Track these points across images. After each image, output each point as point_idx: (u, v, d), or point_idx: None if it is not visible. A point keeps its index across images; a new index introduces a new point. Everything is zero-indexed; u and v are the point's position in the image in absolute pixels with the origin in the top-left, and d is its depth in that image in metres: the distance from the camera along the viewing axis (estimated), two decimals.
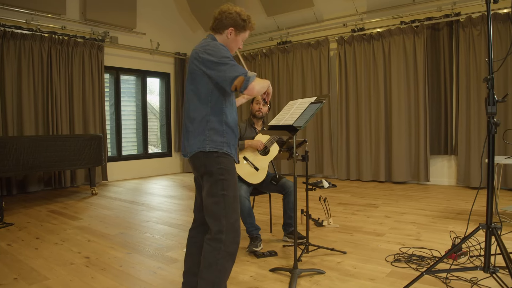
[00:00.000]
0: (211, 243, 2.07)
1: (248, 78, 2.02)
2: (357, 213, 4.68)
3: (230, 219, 2.08)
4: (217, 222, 2.07)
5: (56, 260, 3.23)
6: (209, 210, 2.11)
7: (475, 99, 6.05)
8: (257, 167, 3.53)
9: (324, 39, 7.57)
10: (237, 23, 2.21)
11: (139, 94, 8.67)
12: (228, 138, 2.15)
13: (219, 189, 2.08)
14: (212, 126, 2.11)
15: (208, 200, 2.11)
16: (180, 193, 6.51)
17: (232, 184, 2.12)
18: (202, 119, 2.11)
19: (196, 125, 2.12)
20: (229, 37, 2.23)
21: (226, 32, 2.22)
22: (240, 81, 2.01)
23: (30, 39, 6.47)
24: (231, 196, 2.11)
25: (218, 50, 2.08)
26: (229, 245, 2.07)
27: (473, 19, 5.94)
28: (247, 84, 2.02)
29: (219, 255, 2.05)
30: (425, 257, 2.99)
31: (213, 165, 2.09)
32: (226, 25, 2.20)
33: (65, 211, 5.13)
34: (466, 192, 5.80)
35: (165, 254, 3.36)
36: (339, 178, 7.53)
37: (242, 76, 2.01)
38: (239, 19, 2.21)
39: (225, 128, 2.14)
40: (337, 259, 3.09)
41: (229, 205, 2.09)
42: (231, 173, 2.13)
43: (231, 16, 2.20)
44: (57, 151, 5.61)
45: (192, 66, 2.15)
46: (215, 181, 2.09)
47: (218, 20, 2.21)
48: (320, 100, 2.66)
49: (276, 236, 3.81)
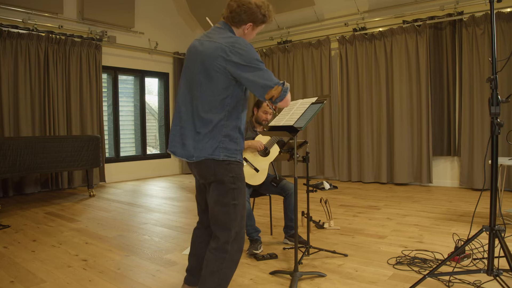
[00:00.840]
0: (216, 253, 2.01)
1: (286, 88, 1.90)
2: (359, 215, 4.69)
3: (237, 229, 2.03)
4: (225, 232, 2.00)
5: (53, 263, 3.23)
6: (217, 220, 2.03)
7: (478, 99, 6.05)
8: (257, 169, 3.53)
9: (325, 39, 7.58)
10: (256, 18, 2.02)
11: (137, 94, 8.67)
12: (240, 145, 2.04)
13: (230, 198, 1.99)
14: (227, 132, 1.97)
15: (217, 209, 2.01)
16: (179, 194, 6.51)
17: (242, 192, 2.04)
18: (217, 124, 1.95)
19: (209, 128, 1.95)
20: (246, 32, 2.06)
21: (243, 27, 2.04)
22: (278, 91, 1.87)
23: (27, 38, 6.48)
24: (241, 204, 2.04)
25: (249, 51, 1.90)
26: (234, 254, 2.03)
27: (476, 18, 5.95)
28: (285, 96, 1.90)
29: (223, 264, 2.00)
30: (427, 260, 2.98)
31: (225, 174, 1.97)
32: (245, 21, 2.01)
33: (62, 213, 5.13)
34: (469, 194, 5.80)
35: (163, 256, 3.36)
36: (340, 179, 7.53)
37: (280, 86, 1.88)
38: (259, 13, 2.01)
39: (238, 134, 2.02)
40: (338, 262, 3.09)
41: (239, 214, 2.02)
42: (241, 180, 2.04)
43: (250, 10, 1.99)
44: (54, 152, 5.61)
45: (213, 63, 1.92)
46: (226, 190, 1.99)
47: (235, 13, 2.00)
48: (321, 100, 2.66)
49: (276, 238, 3.82)
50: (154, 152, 9.24)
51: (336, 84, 7.70)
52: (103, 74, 7.89)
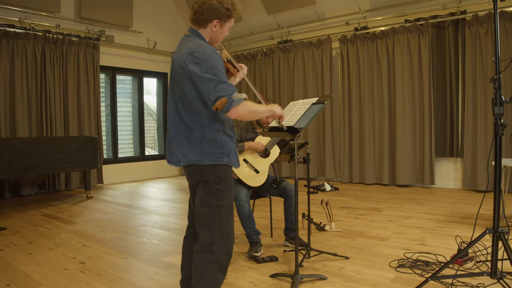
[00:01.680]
0: (201, 255, 2.03)
1: (232, 101, 1.87)
2: (360, 217, 4.69)
3: (222, 231, 2.04)
4: (209, 232, 2.03)
5: (50, 265, 3.23)
6: (201, 220, 2.06)
7: (481, 99, 6.06)
8: (257, 170, 3.53)
9: (326, 38, 7.59)
10: (221, 14, 2.03)
11: (135, 94, 8.68)
12: (227, 147, 2.05)
13: (214, 199, 2.03)
14: (209, 137, 2.00)
15: (202, 209, 2.05)
16: (178, 196, 6.52)
17: (227, 194, 2.07)
18: (198, 130, 2.00)
19: (192, 135, 2.01)
20: (214, 30, 2.07)
21: (210, 25, 2.05)
22: (222, 103, 1.87)
23: (24, 38, 6.49)
24: (226, 206, 2.06)
25: (207, 60, 1.92)
26: (221, 257, 2.04)
27: (480, 17, 5.96)
28: (229, 108, 1.88)
29: (210, 267, 2.01)
30: (430, 263, 2.99)
31: (210, 174, 2.02)
32: (209, 18, 2.03)
33: (60, 215, 5.13)
34: (472, 196, 5.80)
35: (162, 259, 3.36)
36: (341, 181, 7.53)
37: (226, 98, 1.87)
38: (222, 8, 2.02)
39: (223, 137, 2.04)
40: (339, 265, 3.09)
41: (223, 216, 2.05)
42: (228, 182, 2.07)
43: (212, 7, 2.00)
44: (51, 153, 5.61)
45: (178, 74, 2.00)
46: (210, 190, 2.03)
47: (199, 13, 2.02)
48: (322, 100, 2.67)
49: (276, 240, 3.82)
50: (153, 153, 9.25)
51: (337, 84, 7.71)
52: (101, 74, 7.90)
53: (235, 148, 2.14)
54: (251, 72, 8.82)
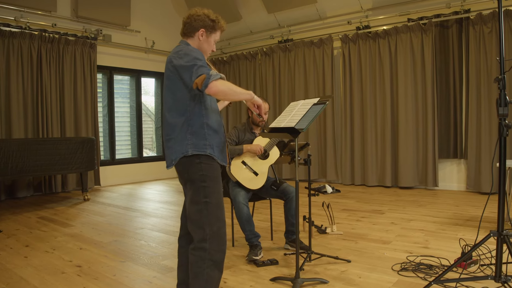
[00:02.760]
0: (195, 253, 2.13)
1: (210, 76, 2.03)
2: (362, 219, 4.69)
3: (213, 227, 2.13)
4: (200, 230, 2.13)
5: (46, 269, 3.23)
6: (192, 218, 2.19)
7: (486, 100, 6.06)
8: (256, 172, 3.54)
9: (328, 37, 7.60)
10: (206, 24, 2.32)
11: (133, 95, 8.69)
12: (210, 140, 2.19)
13: (202, 196, 2.15)
14: (192, 130, 2.17)
15: (191, 208, 2.18)
16: (176, 198, 6.52)
17: (215, 191, 2.18)
18: (182, 125, 2.17)
19: (177, 131, 2.17)
20: (201, 38, 2.32)
21: (197, 34, 2.32)
22: (201, 79, 2.03)
23: (19, 37, 6.50)
24: (214, 204, 2.16)
25: (189, 53, 2.16)
26: (214, 254, 2.11)
27: (484, 16, 5.97)
28: (208, 82, 2.02)
29: (204, 264, 2.09)
30: (433, 266, 2.99)
31: (195, 172, 2.15)
32: (196, 27, 2.31)
33: (56, 218, 5.14)
34: (476, 198, 5.81)
35: (160, 262, 3.37)
36: (343, 183, 7.54)
37: (204, 74, 2.04)
38: (208, 20, 2.32)
39: (206, 130, 2.19)
40: (341, 268, 3.09)
41: (212, 213, 2.14)
42: (214, 180, 2.19)
43: (199, 18, 2.31)
44: (47, 155, 5.62)
45: (167, 72, 2.23)
46: (197, 188, 2.16)
47: (188, 24, 2.32)
48: (323, 101, 2.67)
49: (277, 243, 3.82)
50: (151, 154, 9.26)
51: (338, 84, 7.71)
52: (98, 74, 7.91)
53: (221, 144, 2.27)
54: (251, 72, 8.83)
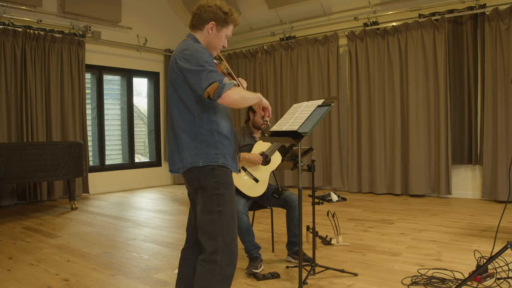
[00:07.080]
0: (205, 265, 2.10)
1: (223, 85, 2.01)
2: (370, 230, 4.70)
3: (226, 238, 2.11)
4: (212, 241, 2.11)
5: (31, 283, 3.24)
6: (203, 228, 2.15)
7: (502, 102, 6.09)
8: (256, 179, 3.55)
9: (333, 34, 7.63)
10: (218, 16, 2.24)
11: (124, 96, 8.71)
12: (222, 148, 2.17)
13: (215, 205, 2.12)
14: (202, 138, 2.14)
15: (203, 218, 2.15)
16: (171, 207, 6.53)
17: (228, 200, 2.16)
18: (190, 131, 2.15)
19: (186, 137, 2.16)
20: (211, 32, 2.26)
21: (206, 27, 2.25)
22: (213, 88, 2.01)
23: (2, 34, 6.52)
24: (228, 213, 2.14)
25: (196, 54, 2.11)
26: (225, 267, 2.10)
27: (500, 12, 6.00)
28: (221, 92, 2.01)
29: (213, 278, 2.07)
30: (446, 280, 3.00)
31: (208, 179, 2.13)
32: (206, 20, 2.24)
33: (42, 228, 5.15)
34: (492, 207, 5.82)
35: (153, 276, 3.38)
36: (349, 190, 7.55)
37: (217, 83, 2.01)
38: (220, 11, 2.24)
39: (217, 137, 2.17)
40: (347, 282, 3.10)
41: (225, 223, 2.12)
42: (227, 187, 2.17)
43: (210, 9, 2.24)
44: (32, 160, 5.63)
45: (172, 74, 2.20)
46: (209, 196, 2.13)
47: (197, 15, 2.26)
48: (328, 103, 2.69)
49: (278, 255, 3.83)
50: (143, 160, 9.27)
51: (344, 84, 7.74)
52: (87, 74, 7.93)
53: (232, 151, 2.23)
54: (251, 71, 8.86)
